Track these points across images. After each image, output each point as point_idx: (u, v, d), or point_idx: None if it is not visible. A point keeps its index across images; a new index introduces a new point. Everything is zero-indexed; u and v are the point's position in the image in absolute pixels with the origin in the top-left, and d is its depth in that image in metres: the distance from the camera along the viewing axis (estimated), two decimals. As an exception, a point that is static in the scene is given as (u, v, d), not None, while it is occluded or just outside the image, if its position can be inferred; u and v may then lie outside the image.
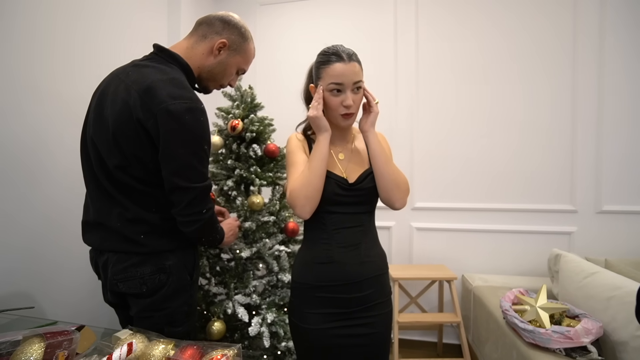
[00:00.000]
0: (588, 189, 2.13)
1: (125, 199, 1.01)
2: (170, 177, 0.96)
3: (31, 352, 0.62)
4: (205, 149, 1.01)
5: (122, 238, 1.01)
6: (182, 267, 1.07)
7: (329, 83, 1.01)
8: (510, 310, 1.53)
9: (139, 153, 0.97)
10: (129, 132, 0.96)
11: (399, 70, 2.37)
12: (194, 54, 1.10)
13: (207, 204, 1.02)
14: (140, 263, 1.01)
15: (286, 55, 2.53)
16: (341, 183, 1.04)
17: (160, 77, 0.97)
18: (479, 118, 2.26)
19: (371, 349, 1.04)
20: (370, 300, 1.04)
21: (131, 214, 1.01)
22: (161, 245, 1.03)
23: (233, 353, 0.67)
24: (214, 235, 1.11)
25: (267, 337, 1.44)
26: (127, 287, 1.02)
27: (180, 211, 0.99)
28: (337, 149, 1.11)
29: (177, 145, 0.95)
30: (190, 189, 0.97)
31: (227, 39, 1.10)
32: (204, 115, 0.99)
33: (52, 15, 1.44)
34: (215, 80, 1.16)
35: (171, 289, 1.04)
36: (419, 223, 2.36)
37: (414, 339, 2.38)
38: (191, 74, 1.10)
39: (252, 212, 1.64)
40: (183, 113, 0.93)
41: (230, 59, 1.14)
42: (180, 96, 0.95)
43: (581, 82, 2.12)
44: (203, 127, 0.99)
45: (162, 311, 1.04)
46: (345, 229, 1.04)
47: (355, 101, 1.01)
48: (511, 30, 2.21)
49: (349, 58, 1.01)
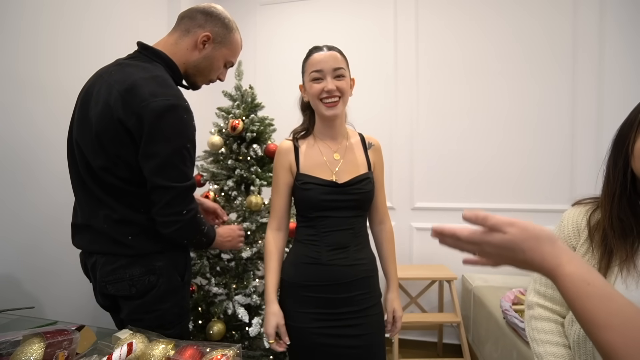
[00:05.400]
0: (588, 189, 2.12)
1: (111, 200, 0.99)
2: (151, 175, 0.94)
3: (31, 352, 0.62)
4: (189, 148, 0.98)
5: (109, 240, 0.99)
6: (173, 268, 1.05)
7: (310, 72, 1.03)
8: (510, 310, 1.53)
9: (123, 153, 0.95)
10: (111, 133, 0.94)
11: (399, 70, 2.37)
12: (178, 50, 1.06)
13: (189, 205, 0.98)
14: (129, 265, 0.99)
15: (286, 55, 2.53)
16: (329, 186, 1.04)
17: (143, 76, 0.95)
18: (479, 118, 2.26)
19: (363, 352, 1.03)
20: (358, 303, 1.03)
21: (118, 215, 0.99)
22: (150, 246, 1.01)
23: (233, 353, 0.67)
24: (198, 238, 1.06)
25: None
26: (116, 289, 1.00)
27: (158, 211, 0.96)
28: (331, 149, 1.10)
29: (157, 143, 0.92)
30: (170, 188, 0.94)
31: (210, 31, 1.07)
32: (188, 113, 0.96)
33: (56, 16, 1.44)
34: (202, 75, 1.13)
35: (161, 291, 1.02)
36: (419, 223, 2.36)
37: (414, 339, 2.38)
38: (177, 71, 1.06)
39: (252, 212, 1.64)
40: (164, 111, 0.91)
41: (216, 52, 1.10)
42: (162, 94, 0.92)
43: (581, 82, 2.12)
44: (186, 125, 0.96)
45: (153, 313, 1.01)
46: (335, 232, 1.04)
47: (338, 87, 1.01)
48: (511, 30, 2.21)
49: (329, 48, 1.04)
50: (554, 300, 0.86)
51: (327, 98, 1.02)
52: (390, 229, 1.18)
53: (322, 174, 1.05)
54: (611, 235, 0.74)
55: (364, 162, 1.11)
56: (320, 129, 1.11)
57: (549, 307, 0.86)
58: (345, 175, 1.06)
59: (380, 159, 1.17)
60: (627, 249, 0.72)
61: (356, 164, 1.09)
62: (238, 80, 1.75)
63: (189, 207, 0.98)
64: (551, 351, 0.81)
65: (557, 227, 0.87)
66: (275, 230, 1.11)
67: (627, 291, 0.71)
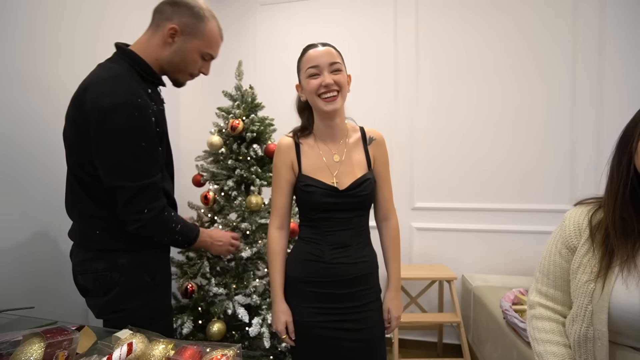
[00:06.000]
0: (588, 189, 2.13)
1: (85, 195, 1.02)
2: (104, 176, 0.95)
3: (31, 352, 0.62)
4: (144, 146, 0.95)
5: (81, 232, 1.04)
6: (139, 267, 1.04)
7: (306, 69, 1.02)
8: (510, 310, 1.53)
9: (84, 152, 0.98)
10: (72, 131, 0.99)
11: (399, 70, 2.37)
12: (149, 47, 1.03)
13: (150, 203, 0.96)
14: (95, 258, 1.02)
15: (286, 55, 2.53)
16: (330, 192, 1.04)
17: (100, 75, 0.96)
18: (479, 118, 2.26)
19: (364, 345, 1.05)
20: (359, 298, 1.05)
21: (89, 210, 1.02)
22: (115, 243, 1.02)
23: (233, 353, 0.67)
24: (169, 236, 1.04)
25: (267, 338, 1.44)
26: (84, 280, 1.04)
27: (120, 210, 0.96)
28: (331, 150, 1.09)
29: (106, 143, 0.92)
30: (125, 188, 0.93)
31: (177, 23, 1.01)
32: (140, 111, 0.93)
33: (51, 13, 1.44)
34: (180, 70, 1.08)
35: (124, 289, 1.01)
36: (419, 223, 2.36)
37: (414, 339, 2.38)
38: (147, 68, 1.03)
39: (252, 212, 1.64)
40: (110, 109, 0.90)
41: (187, 45, 1.04)
42: (111, 92, 0.91)
43: (581, 82, 2.12)
44: (137, 123, 0.93)
45: (119, 313, 1.01)
46: (337, 232, 1.05)
47: (336, 81, 1.01)
48: (511, 30, 2.21)
49: (324, 45, 1.04)
50: (555, 300, 0.86)
51: (325, 93, 1.01)
52: (394, 226, 1.15)
53: (323, 177, 1.05)
54: (613, 234, 0.74)
55: (364, 161, 1.10)
56: (320, 128, 1.10)
57: (550, 306, 0.86)
58: (346, 179, 1.06)
59: (383, 152, 1.13)
60: (628, 248, 0.73)
61: (356, 165, 1.09)
62: (238, 80, 1.75)
63: (150, 205, 0.97)
64: (551, 350, 0.81)
65: (559, 226, 0.87)
66: (278, 229, 1.11)
67: (628, 291, 0.71)
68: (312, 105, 1.07)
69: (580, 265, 0.79)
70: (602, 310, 0.73)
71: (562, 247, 0.84)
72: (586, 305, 0.76)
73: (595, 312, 0.74)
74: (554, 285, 0.86)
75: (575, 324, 0.79)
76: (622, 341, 0.76)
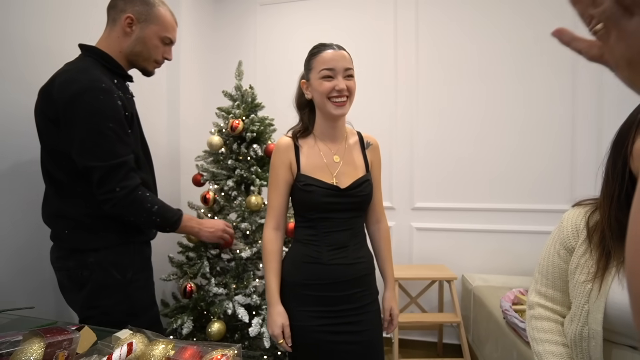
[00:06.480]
0: (588, 189, 2.12)
1: (54, 193, 1.06)
2: (77, 157, 0.99)
3: (31, 352, 0.62)
4: (112, 127, 0.99)
5: (52, 232, 1.09)
6: (110, 265, 1.07)
7: (321, 70, 1.02)
8: (510, 310, 1.53)
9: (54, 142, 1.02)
10: (41, 124, 1.03)
11: (399, 70, 2.37)
12: (111, 41, 1.10)
13: (121, 182, 1.00)
14: (66, 256, 1.07)
15: (286, 55, 2.53)
16: (331, 191, 1.04)
17: (65, 68, 1.03)
18: (479, 118, 2.26)
19: (362, 347, 1.04)
20: (357, 300, 1.05)
21: (54, 209, 1.06)
22: (84, 242, 1.05)
23: (233, 353, 0.67)
24: (145, 216, 1.06)
25: (267, 338, 1.44)
26: (61, 277, 1.09)
27: (95, 190, 1.00)
28: (331, 151, 1.10)
29: (76, 124, 0.97)
30: (97, 168, 0.98)
31: (131, 12, 1.08)
32: (105, 94, 0.99)
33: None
34: (144, 58, 1.15)
35: (96, 285, 1.05)
36: (419, 223, 2.36)
37: (414, 339, 2.38)
38: (111, 61, 1.09)
39: (251, 212, 1.64)
40: (77, 94, 0.96)
41: (145, 32, 1.11)
42: (77, 79, 0.98)
43: (581, 82, 2.11)
44: (105, 105, 0.98)
45: (96, 309, 1.05)
46: (335, 232, 1.05)
47: (348, 87, 1.02)
48: (511, 30, 2.21)
49: (339, 47, 1.05)
50: (554, 301, 0.86)
51: (336, 97, 1.01)
52: (386, 228, 1.19)
53: (323, 177, 1.05)
54: (609, 236, 0.74)
55: (362, 163, 1.11)
56: (322, 129, 1.10)
57: (549, 307, 0.86)
58: (345, 179, 1.06)
59: (378, 158, 1.17)
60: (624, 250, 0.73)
61: (355, 166, 1.09)
62: (238, 80, 1.75)
63: (122, 184, 1.00)
64: (550, 350, 0.81)
65: (557, 227, 0.88)
66: (274, 229, 1.10)
67: (624, 292, 0.71)
68: (319, 106, 1.07)
69: (578, 265, 0.79)
70: (598, 310, 0.73)
71: (560, 247, 0.85)
72: (583, 304, 0.76)
73: (591, 311, 0.75)
74: (552, 286, 0.86)
75: (572, 323, 0.79)
76: (619, 340, 0.76)
